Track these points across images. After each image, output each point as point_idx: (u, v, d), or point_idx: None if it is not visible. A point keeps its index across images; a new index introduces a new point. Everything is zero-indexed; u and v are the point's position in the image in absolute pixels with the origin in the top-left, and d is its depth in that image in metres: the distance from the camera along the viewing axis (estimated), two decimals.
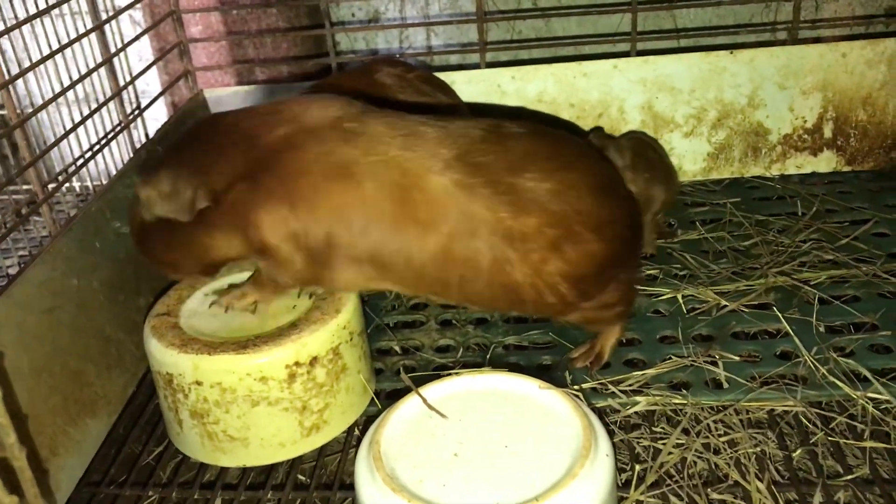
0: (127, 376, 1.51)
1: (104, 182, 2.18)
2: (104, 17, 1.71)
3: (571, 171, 1.29)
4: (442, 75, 1.99)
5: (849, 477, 1.21)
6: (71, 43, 1.59)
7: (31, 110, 1.87)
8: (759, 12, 2.33)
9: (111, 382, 1.45)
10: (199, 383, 1.26)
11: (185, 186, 1.24)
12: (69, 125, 2.04)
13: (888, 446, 1.26)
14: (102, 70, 1.69)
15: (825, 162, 2.03)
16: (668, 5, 2.22)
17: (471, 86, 2.01)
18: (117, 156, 1.95)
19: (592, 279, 1.31)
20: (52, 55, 1.50)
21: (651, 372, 1.44)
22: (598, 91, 2.00)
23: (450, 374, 1.26)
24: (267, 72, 2.22)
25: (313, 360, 1.28)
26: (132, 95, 2.05)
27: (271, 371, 1.25)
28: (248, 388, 1.25)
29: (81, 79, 1.61)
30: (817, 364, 1.40)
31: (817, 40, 2.16)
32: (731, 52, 1.96)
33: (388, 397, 1.46)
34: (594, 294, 1.34)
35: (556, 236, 1.25)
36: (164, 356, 1.28)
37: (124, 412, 1.49)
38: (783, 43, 1.97)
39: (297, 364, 1.26)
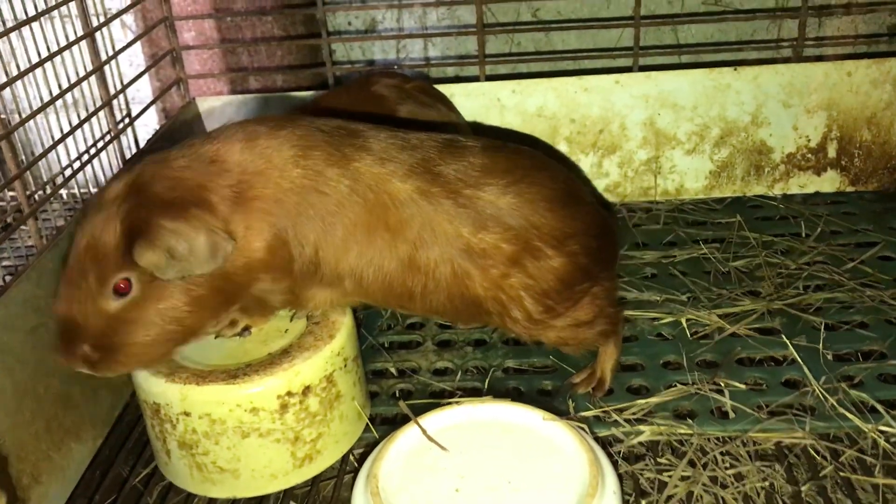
0: (114, 398, 1.45)
1: (92, 190, 2.13)
2: (95, 21, 1.67)
3: (530, 186, 1.28)
4: (441, 87, 1.95)
5: None
6: (62, 50, 1.54)
7: (16, 115, 1.82)
8: (762, 28, 2.30)
9: (97, 404, 1.40)
10: (187, 414, 1.21)
11: (194, 233, 1.11)
12: (56, 130, 1.98)
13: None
14: (93, 76, 1.64)
15: (829, 182, 2.00)
16: (671, 20, 2.19)
17: (470, 99, 1.97)
18: (106, 164, 1.90)
19: (557, 294, 1.29)
20: (42, 62, 1.45)
21: (655, 400, 1.40)
22: (600, 106, 1.97)
23: (450, 403, 1.21)
24: (261, 80, 2.17)
25: (306, 390, 1.23)
26: (122, 102, 2.00)
27: (262, 402, 1.20)
28: (239, 420, 1.20)
29: (72, 87, 1.56)
30: (826, 394, 1.37)
31: (820, 58, 2.14)
32: (735, 69, 1.92)
33: (384, 423, 1.42)
34: (563, 310, 1.31)
35: (514, 252, 1.24)
36: (151, 385, 1.23)
37: (111, 434, 1.44)
38: (787, 60, 1.94)
39: (289, 394, 1.22)
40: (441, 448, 1.13)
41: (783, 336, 1.50)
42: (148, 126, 2.02)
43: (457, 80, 2.12)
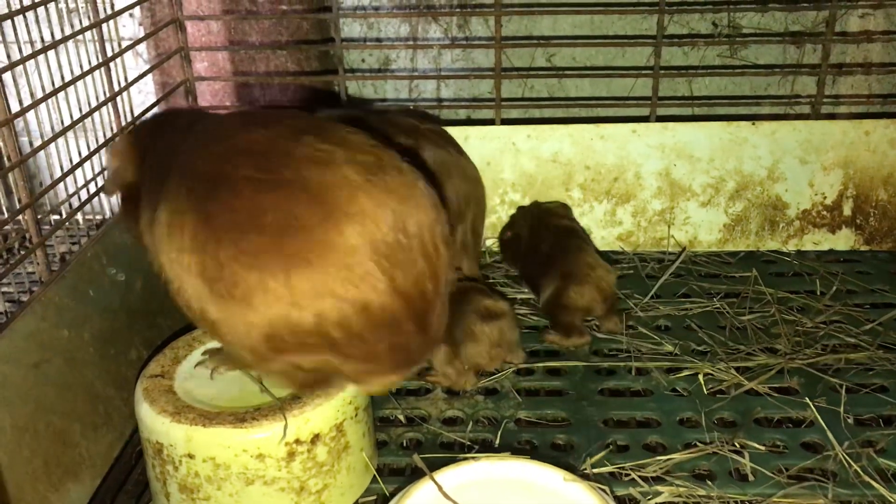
0: (114, 435, 1.41)
1: (95, 217, 2.09)
2: (109, 48, 1.64)
3: None
4: (456, 129, 1.94)
5: None
6: (77, 80, 1.52)
7: (27, 140, 1.79)
8: (776, 83, 2.30)
9: (97, 443, 1.35)
10: (191, 456, 1.16)
11: None
12: (65, 156, 1.95)
13: None
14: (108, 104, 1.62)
15: (843, 240, 1.98)
16: (689, 72, 2.19)
17: (485, 142, 1.95)
18: None
19: None
20: (56, 91, 1.43)
21: (673, 458, 1.36)
22: (615, 155, 1.95)
23: (466, 458, 1.17)
24: None
25: (315, 438, 1.19)
26: None
27: (269, 448, 1.16)
28: (244, 465, 1.16)
29: (84, 117, 1.54)
30: (849, 459, 1.33)
31: (832, 115, 2.14)
32: (753, 124, 1.91)
33: (392, 474, 1.37)
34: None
35: None
36: (156, 424, 1.18)
37: (109, 474, 1.39)
38: (802, 116, 1.93)
39: (297, 442, 1.17)
40: None
41: (805, 397, 1.46)
42: None
43: (470, 122, 2.10)
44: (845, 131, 1.91)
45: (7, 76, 1.36)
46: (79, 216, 2.07)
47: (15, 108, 1.32)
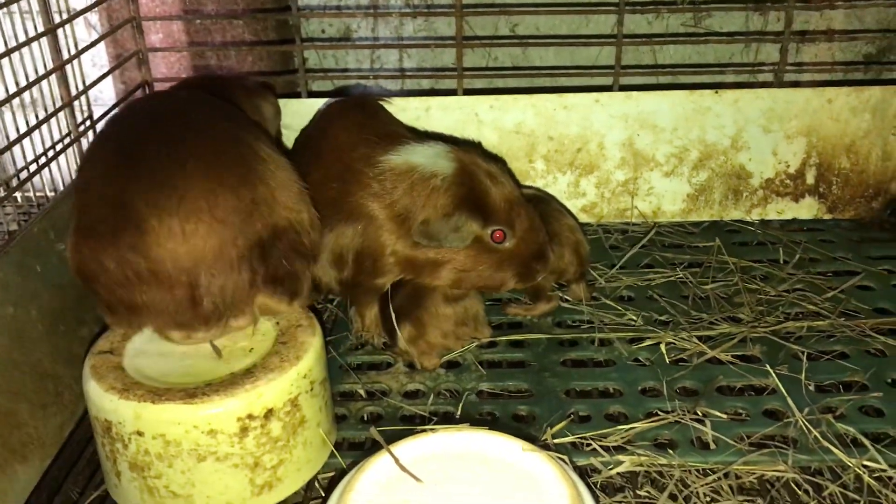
0: (65, 415, 1.37)
1: (48, 194, 2.04)
2: (57, 18, 1.58)
3: None
4: (417, 100, 1.91)
5: None
6: (20, 46, 1.46)
7: None
8: (740, 51, 2.29)
9: (46, 423, 1.31)
10: (140, 434, 1.13)
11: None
12: (12, 131, 1.89)
13: None
14: (52, 74, 1.56)
15: (806, 209, 1.98)
16: (652, 40, 2.16)
17: (447, 113, 1.92)
18: (64, 167, 1.81)
19: None
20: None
21: (635, 428, 1.35)
22: (578, 125, 1.93)
23: (424, 430, 1.15)
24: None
25: (268, 413, 1.16)
26: (84, 104, 1.91)
27: (221, 424, 1.13)
28: (195, 442, 1.13)
29: (30, 85, 1.48)
30: (809, 426, 1.33)
31: (796, 83, 2.13)
32: (717, 92, 1.90)
33: (352, 448, 1.35)
34: None
35: None
36: (103, 401, 1.15)
37: (60, 454, 1.35)
38: (766, 84, 1.92)
39: (250, 417, 1.14)
40: (415, 479, 1.06)
41: (766, 365, 1.46)
42: None
43: (433, 92, 2.06)
44: (808, 99, 1.90)
45: None
46: (31, 194, 2.03)
47: None
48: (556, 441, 1.32)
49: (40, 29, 1.54)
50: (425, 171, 1.46)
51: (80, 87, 1.69)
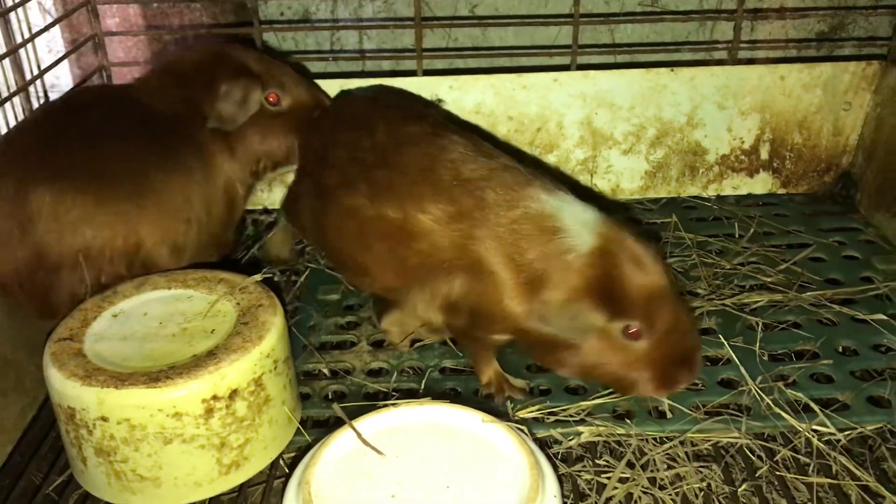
0: (26, 401, 1.37)
1: None
2: (10, 2, 1.57)
3: None
4: (377, 81, 1.91)
5: None
6: None
7: None
8: (696, 30, 2.32)
9: (7, 409, 1.31)
10: (104, 419, 1.13)
11: None
12: None
13: (833, 481, 1.23)
14: (6, 61, 1.55)
15: (761, 183, 2.02)
16: (609, 19, 2.19)
17: None
18: None
19: None
20: None
21: (593, 401, 1.38)
22: (538, 105, 1.95)
23: (386, 405, 1.17)
24: None
25: (233, 393, 1.17)
26: (40, 90, 1.89)
27: (186, 406, 1.14)
28: (160, 425, 1.13)
29: None
30: (761, 394, 1.37)
31: (752, 61, 2.16)
32: (672, 70, 1.93)
33: (316, 426, 1.36)
34: None
35: None
36: (66, 388, 1.15)
37: (22, 439, 1.35)
38: (722, 63, 1.95)
39: (214, 398, 1.15)
40: (377, 453, 1.08)
41: (720, 336, 1.50)
42: None
43: (394, 73, 2.07)
44: (761, 76, 1.93)
45: None
46: None
47: None
48: (519, 414, 1.35)
49: None
50: (564, 239, 1.25)
51: (35, 73, 1.68)
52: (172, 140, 1.52)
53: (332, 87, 1.82)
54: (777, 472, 1.25)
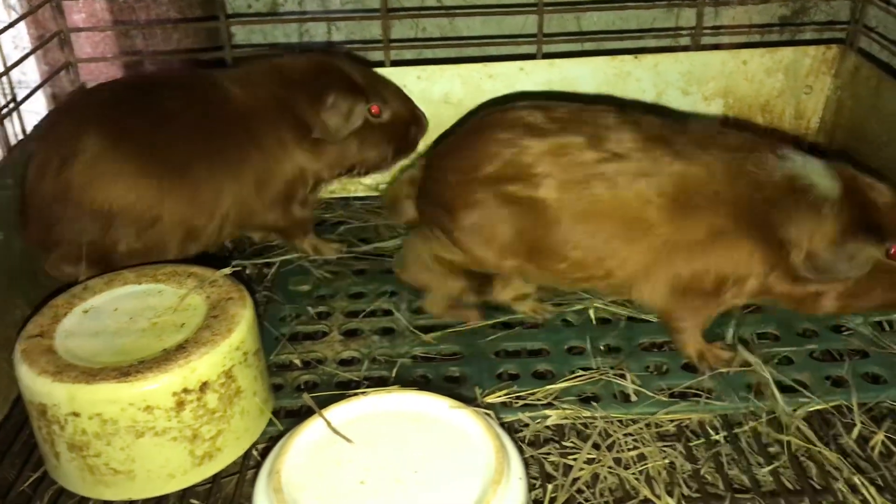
0: None
1: None
2: None
3: None
4: None
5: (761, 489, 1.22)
6: None
7: None
8: (661, 16, 2.34)
9: None
10: (76, 415, 1.15)
11: None
12: None
13: (790, 438, 1.27)
14: None
15: None
16: (573, 7, 2.20)
17: None
18: None
19: None
20: None
21: (561, 385, 1.41)
22: (505, 94, 1.97)
23: (356, 394, 1.19)
24: (157, 65, 2.08)
25: (203, 386, 1.19)
26: (6, 86, 1.89)
27: (157, 400, 1.15)
28: (132, 419, 1.15)
29: None
30: (724, 376, 1.41)
31: (716, 47, 2.19)
32: (636, 57, 1.95)
33: (289, 416, 1.38)
34: None
35: None
36: (37, 385, 1.16)
37: None
38: (686, 49, 1.98)
39: (185, 391, 1.17)
40: (346, 441, 1.10)
41: None
42: (37, 112, 1.92)
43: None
44: (724, 61, 1.96)
45: None
46: None
47: None
48: (487, 400, 1.37)
49: None
50: (811, 192, 1.33)
51: (1, 69, 1.67)
52: (241, 135, 1.61)
53: None
54: (737, 450, 1.28)
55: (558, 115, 1.43)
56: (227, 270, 1.36)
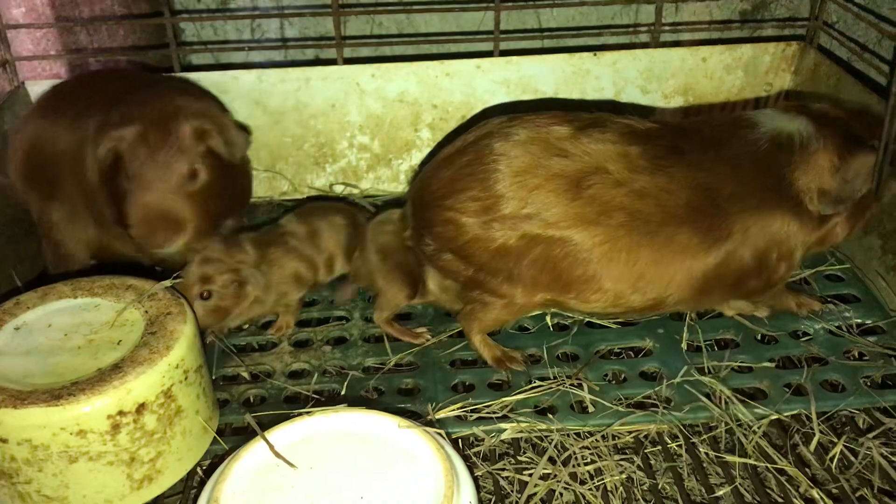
0: None
1: None
2: None
3: None
4: (297, 71, 1.87)
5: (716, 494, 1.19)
6: None
7: None
8: (620, 12, 2.31)
9: None
10: (3, 441, 1.08)
11: None
12: None
13: (747, 461, 1.24)
14: None
15: None
16: (531, 3, 2.16)
17: (328, 83, 1.88)
18: None
19: None
20: None
21: (517, 397, 1.37)
22: (462, 92, 1.92)
23: (301, 414, 1.14)
24: (102, 62, 2.01)
25: (140, 407, 1.13)
26: None
27: (90, 423, 1.09)
28: (64, 444, 1.09)
29: None
30: (682, 385, 1.38)
31: (677, 43, 2.16)
32: (595, 55, 1.91)
33: (236, 433, 1.33)
34: None
35: None
36: None
37: None
38: (646, 46, 1.95)
39: (120, 413, 1.11)
40: (290, 465, 1.06)
41: (644, 328, 1.50)
42: None
43: (312, 63, 2.02)
44: (684, 58, 1.93)
45: None
46: None
47: None
48: (440, 414, 1.33)
49: None
50: (794, 140, 1.37)
51: None
52: None
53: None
54: (696, 460, 1.26)
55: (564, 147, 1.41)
56: (167, 283, 1.30)
